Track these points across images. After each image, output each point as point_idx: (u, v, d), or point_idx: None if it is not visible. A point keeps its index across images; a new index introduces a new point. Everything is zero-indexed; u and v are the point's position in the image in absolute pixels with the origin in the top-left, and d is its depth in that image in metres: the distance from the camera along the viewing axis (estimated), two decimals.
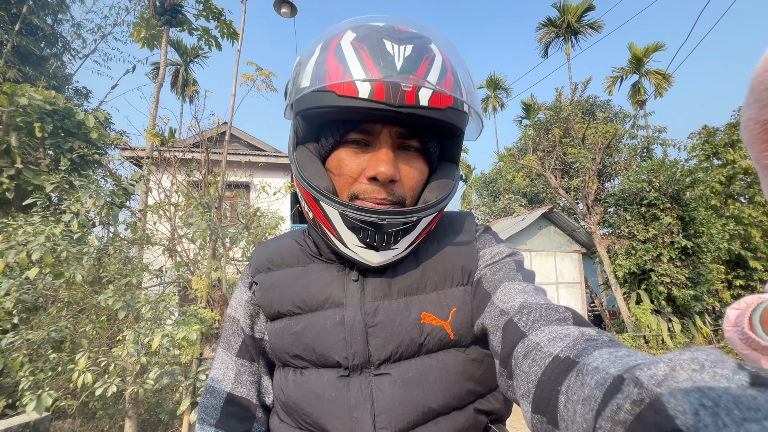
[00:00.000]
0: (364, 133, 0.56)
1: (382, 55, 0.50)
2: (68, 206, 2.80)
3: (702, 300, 8.48)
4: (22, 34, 8.40)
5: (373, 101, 0.49)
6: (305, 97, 0.54)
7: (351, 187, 0.56)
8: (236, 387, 0.67)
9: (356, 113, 0.52)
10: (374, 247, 0.56)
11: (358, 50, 0.51)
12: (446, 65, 0.54)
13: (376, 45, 0.51)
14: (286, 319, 0.65)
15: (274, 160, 9.37)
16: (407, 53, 0.51)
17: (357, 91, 0.49)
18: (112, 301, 2.52)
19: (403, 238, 0.57)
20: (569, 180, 12.18)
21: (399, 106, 0.50)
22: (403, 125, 0.56)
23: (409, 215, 0.54)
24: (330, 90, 0.51)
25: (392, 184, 0.56)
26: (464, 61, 0.60)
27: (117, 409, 3.56)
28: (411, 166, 0.58)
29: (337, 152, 0.58)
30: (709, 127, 11.19)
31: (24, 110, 3.83)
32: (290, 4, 5.63)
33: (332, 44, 0.53)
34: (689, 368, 0.25)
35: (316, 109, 0.54)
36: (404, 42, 0.52)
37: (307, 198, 0.58)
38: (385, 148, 0.55)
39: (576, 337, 0.40)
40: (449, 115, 0.53)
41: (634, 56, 21.76)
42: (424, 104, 0.50)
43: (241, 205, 4.53)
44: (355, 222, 0.53)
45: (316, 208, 0.57)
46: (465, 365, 0.58)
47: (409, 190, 0.58)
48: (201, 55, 24.25)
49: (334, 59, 0.51)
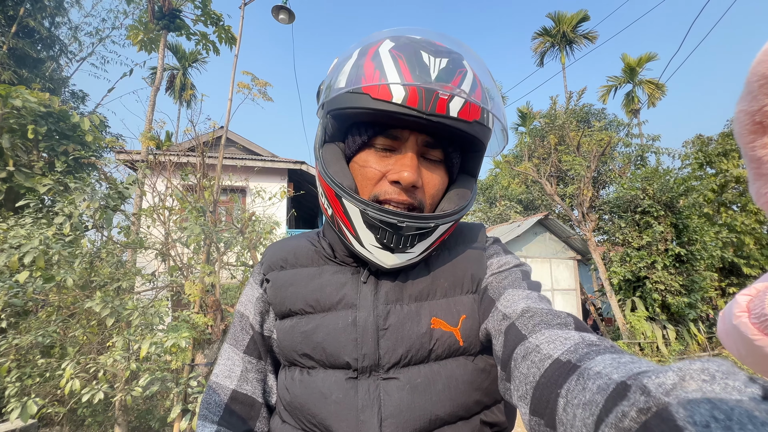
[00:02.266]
0: (392, 138, 0.57)
1: (419, 65, 0.52)
2: (61, 209, 2.76)
3: (696, 307, 8.52)
4: (19, 36, 8.37)
5: (406, 107, 0.51)
6: (339, 97, 0.56)
7: (374, 188, 0.57)
8: (242, 384, 0.66)
9: (388, 117, 0.54)
10: (390, 249, 0.57)
11: (396, 58, 0.53)
12: (476, 81, 0.56)
13: (413, 55, 0.53)
14: (297, 317, 0.64)
15: (270, 165, 9.36)
16: (442, 65, 0.53)
17: (391, 95, 0.51)
18: (99, 308, 2.47)
19: (419, 242, 0.58)
20: (564, 187, 12.27)
21: (430, 114, 0.51)
22: (430, 134, 0.57)
23: (428, 221, 0.56)
24: (365, 92, 0.52)
25: (414, 190, 0.57)
26: (493, 80, 0.62)
27: (106, 417, 3.49)
28: (433, 174, 0.60)
29: (363, 153, 0.59)
30: (702, 137, 11.34)
31: (18, 112, 3.80)
32: (288, 11, 5.67)
33: (371, 50, 0.56)
34: (699, 378, 0.25)
35: (348, 110, 0.55)
36: (440, 55, 0.54)
37: (329, 194, 0.59)
38: (411, 154, 0.57)
39: (577, 342, 0.40)
40: (475, 128, 0.55)
41: (627, 66, 22.08)
42: (453, 115, 0.52)
43: (236, 209, 4.51)
44: (374, 221, 0.54)
45: (337, 205, 0.58)
46: (473, 375, 0.58)
47: (429, 198, 0.59)
48: (200, 60, 24.30)
49: (372, 64, 0.53)
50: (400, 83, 0.50)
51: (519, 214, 14.82)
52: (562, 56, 24.55)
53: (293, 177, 9.92)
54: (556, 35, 24.30)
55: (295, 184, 9.10)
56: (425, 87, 0.50)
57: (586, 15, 23.48)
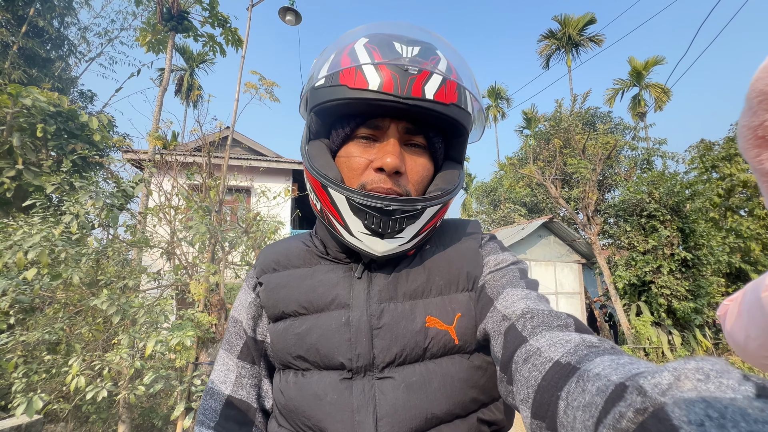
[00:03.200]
0: (373, 128, 0.59)
1: (391, 53, 0.54)
2: (68, 207, 2.80)
3: (702, 313, 8.41)
4: (29, 36, 8.48)
5: (381, 92, 0.53)
6: (319, 92, 0.57)
7: (360, 178, 0.58)
8: (236, 390, 0.66)
9: (367, 106, 0.55)
10: (379, 234, 0.57)
11: (370, 50, 0.55)
12: (450, 67, 0.58)
13: (386, 46, 0.56)
14: (291, 319, 0.64)
15: (275, 165, 9.40)
16: (414, 53, 0.55)
17: (367, 83, 0.53)
18: (105, 306, 2.49)
19: (408, 226, 0.58)
20: (569, 190, 12.19)
21: (406, 98, 0.53)
22: (409, 120, 0.59)
23: (415, 203, 0.56)
24: (342, 84, 0.54)
25: (398, 176, 0.57)
26: (470, 68, 0.63)
27: (110, 414, 3.52)
28: (416, 161, 0.60)
29: (347, 146, 0.61)
30: (706, 141, 11.24)
31: (28, 111, 3.86)
32: (295, 12, 5.70)
33: (347, 48, 0.58)
34: (694, 378, 0.25)
35: (328, 103, 0.56)
36: (413, 44, 0.57)
37: (316, 186, 0.60)
38: (393, 140, 0.58)
39: (577, 344, 0.40)
40: (453, 111, 0.56)
41: (634, 69, 21.97)
42: (429, 98, 0.54)
43: (241, 209, 4.53)
44: (361, 207, 0.55)
45: (324, 196, 0.59)
46: (469, 372, 0.58)
47: (414, 185, 0.60)
48: (207, 61, 24.47)
49: (348, 58, 0.56)
50: (370, 63, 0.53)
51: (523, 216, 14.76)
52: (568, 59, 24.46)
53: (298, 177, 9.95)
54: (561, 38, 24.22)
55: (300, 185, 9.12)
56: (396, 64, 0.52)
57: (593, 18, 23.38)
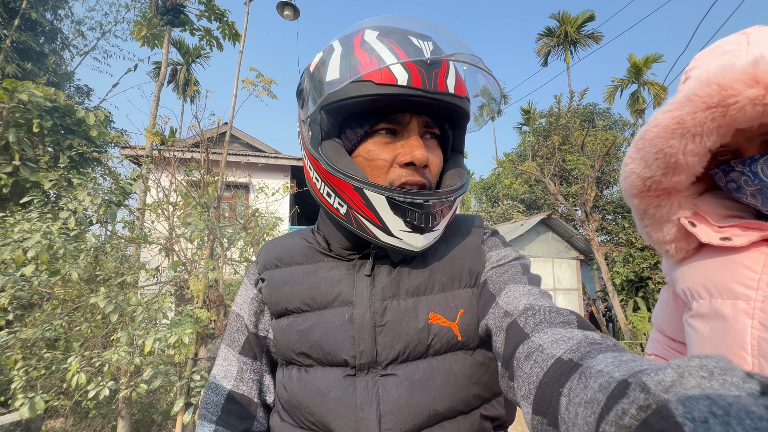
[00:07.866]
0: (394, 123, 0.58)
1: (412, 48, 0.54)
2: (66, 204, 2.78)
3: None
4: (21, 29, 8.38)
5: (411, 88, 0.52)
6: (340, 89, 0.54)
7: (387, 176, 0.57)
8: (238, 385, 0.67)
9: (391, 101, 0.54)
10: (420, 229, 0.57)
11: (388, 44, 0.54)
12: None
13: (404, 40, 0.55)
14: (293, 316, 0.64)
15: (274, 161, 9.37)
16: (431, 48, 0.56)
17: (395, 78, 0.52)
18: (103, 304, 2.48)
19: (441, 219, 0.59)
20: (568, 187, 12.21)
21: (434, 93, 0.54)
22: (429, 113, 0.59)
23: (449, 195, 0.58)
24: (366, 79, 0.53)
25: (425, 169, 0.58)
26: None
27: (110, 409, 3.53)
28: (434, 153, 0.61)
29: (366, 144, 0.58)
30: None
31: (24, 107, 3.82)
32: (293, 7, 5.66)
33: (355, 40, 0.56)
34: (698, 375, 0.25)
35: (351, 100, 0.54)
36: (425, 39, 0.57)
37: (346, 189, 0.56)
38: (416, 136, 0.58)
39: (580, 340, 0.40)
40: (466, 103, 0.59)
41: (633, 66, 21.90)
42: (452, 92, 0.55)
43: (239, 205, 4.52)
44: (402, 205, 0.55)
45: (357, 198, 0.56)
46: (472, 369, 0.58)
47: (434, 177, 0.61)
48: (203, 56, 24.26)
49: (364, 52, 0.54)
50: (397, 62, 0.52)
51: (522, 213, 14.79)
52: (567, 56, 24.40)
53: (296, 173, 9.92)
54: (560, 35, 24.14)
55: (298, 181, 9.10)
56: (420, 59, 0.52)
57: (591, 15, 23.30)
